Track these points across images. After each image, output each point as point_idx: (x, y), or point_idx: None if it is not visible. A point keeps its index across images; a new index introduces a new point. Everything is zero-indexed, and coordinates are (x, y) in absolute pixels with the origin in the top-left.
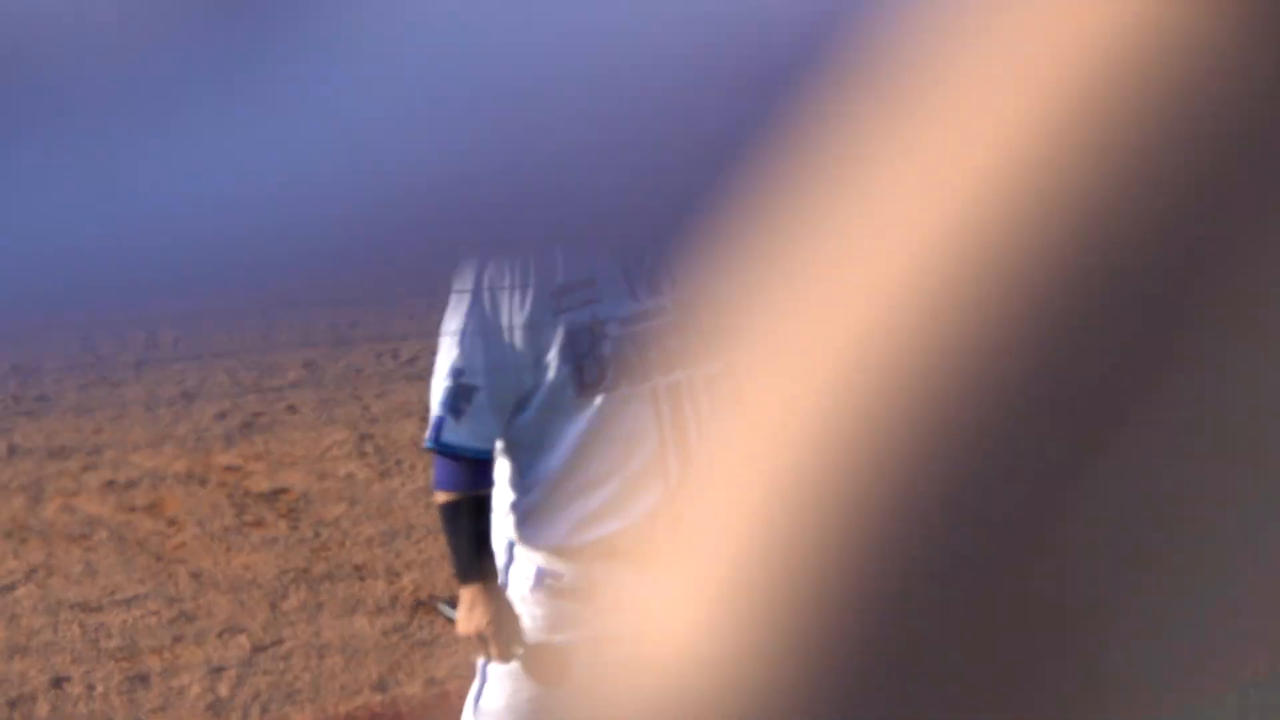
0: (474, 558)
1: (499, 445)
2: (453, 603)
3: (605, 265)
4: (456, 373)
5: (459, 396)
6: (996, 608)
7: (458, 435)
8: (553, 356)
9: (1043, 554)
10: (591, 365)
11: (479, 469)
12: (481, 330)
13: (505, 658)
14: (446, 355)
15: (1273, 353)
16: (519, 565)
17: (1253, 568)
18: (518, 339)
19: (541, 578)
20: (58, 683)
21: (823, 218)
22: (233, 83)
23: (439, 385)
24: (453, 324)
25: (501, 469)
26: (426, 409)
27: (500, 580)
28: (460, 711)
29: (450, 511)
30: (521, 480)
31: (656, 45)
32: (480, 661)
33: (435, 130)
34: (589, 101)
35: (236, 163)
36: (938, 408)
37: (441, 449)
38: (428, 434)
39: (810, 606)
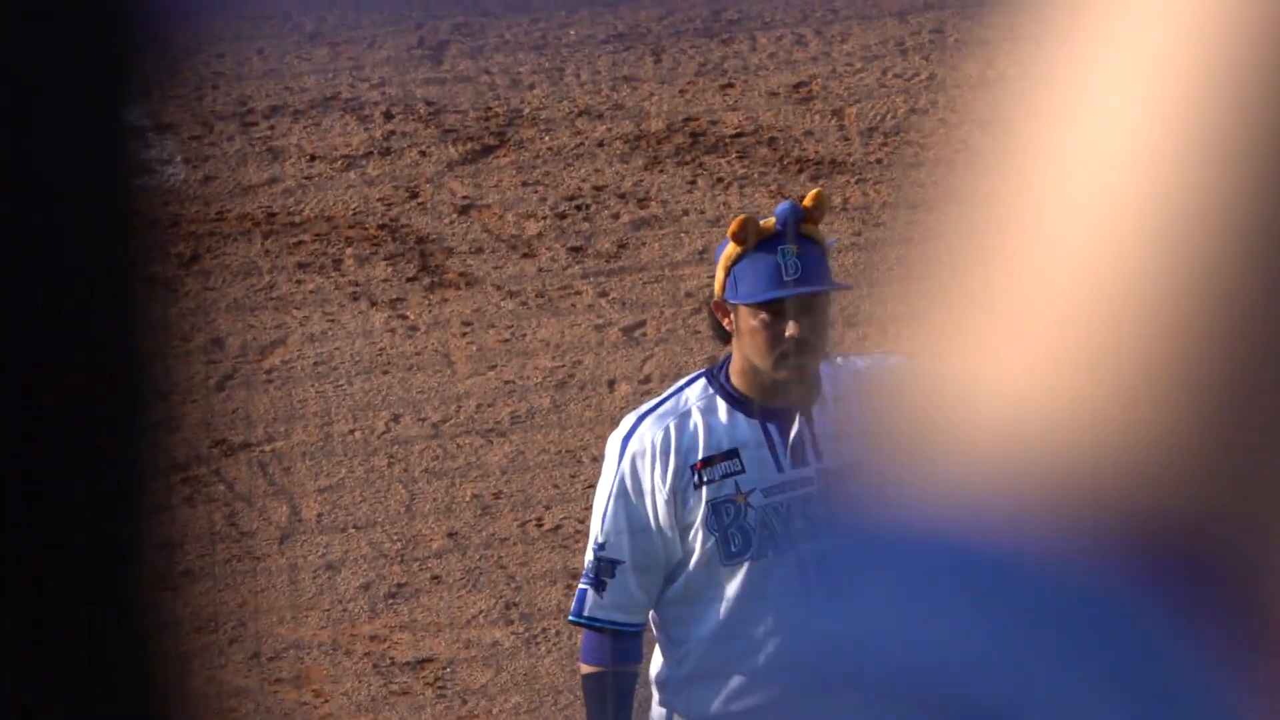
0: None
1: (652, 617)
2: None
3: (748, 436)
4: (599, 546)
5: (602, 570)
6: None
7: (601, 609)
8: (697, 527)
9: None
10: (736, 535)
11: (625, 643)
12: (624, 502)
13: None
14: (592, 527)
15: None
16: None
17: None
18: (661, 511)
19: None
20: None
21: None
22: None
23: (587, 558)
24: (599, 496)
25: (656, 642)
26: (571, 575)
27: None
28: None
29: (593, 684)
30: (673, 651)
31: None
32: None
33: None
34: None
35: None
36: None
37: (585, 622)
38: (573, 606)
39: None
